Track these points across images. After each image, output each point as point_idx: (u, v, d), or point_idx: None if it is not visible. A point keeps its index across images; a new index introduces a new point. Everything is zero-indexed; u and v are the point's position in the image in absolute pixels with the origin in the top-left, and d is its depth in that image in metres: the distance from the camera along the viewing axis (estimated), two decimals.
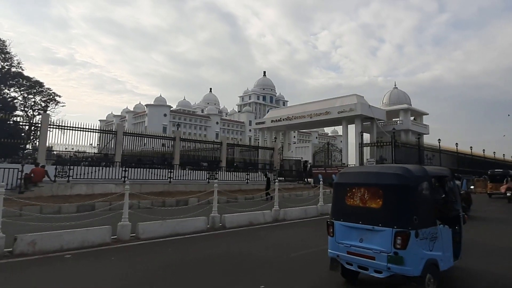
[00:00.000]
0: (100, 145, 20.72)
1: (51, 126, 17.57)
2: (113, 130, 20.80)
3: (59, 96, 69.41)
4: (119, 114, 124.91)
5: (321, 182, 15.98)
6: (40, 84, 68.14)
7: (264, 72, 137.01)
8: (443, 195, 5.47)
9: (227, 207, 12.11)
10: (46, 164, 15.94)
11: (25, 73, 48.75)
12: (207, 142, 25.78)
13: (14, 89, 60.32)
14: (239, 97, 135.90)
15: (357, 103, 38.73)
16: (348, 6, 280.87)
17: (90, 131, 18.77)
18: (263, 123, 50.64)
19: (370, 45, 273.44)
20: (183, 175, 19.87)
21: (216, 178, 18.72)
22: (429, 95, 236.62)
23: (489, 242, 8.50)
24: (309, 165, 30.00)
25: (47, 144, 17.76)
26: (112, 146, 20.02)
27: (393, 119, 43.26)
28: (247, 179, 22.67)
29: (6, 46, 55.62)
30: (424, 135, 45.39)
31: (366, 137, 41.76)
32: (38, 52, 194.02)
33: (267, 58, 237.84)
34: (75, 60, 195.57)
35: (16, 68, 57.08)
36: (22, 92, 65.87)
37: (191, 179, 20.10)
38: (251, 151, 27.20)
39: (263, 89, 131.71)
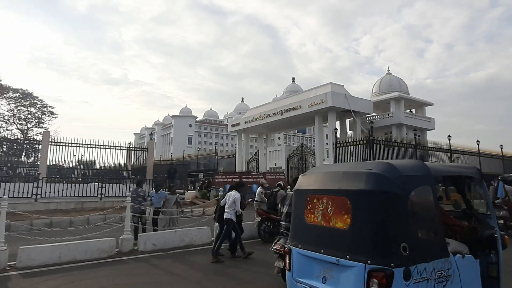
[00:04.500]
0: None
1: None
2: None
3: (52, 108, 67.45)
4: (151, 126, 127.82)
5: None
6: (31, 95, 66.28)
7: (293, 78, 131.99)
8: (464, 206, 4.12)
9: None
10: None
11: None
12: None
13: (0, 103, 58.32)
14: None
15: (328, 92, 30.79)
16: (390, 8, 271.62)
17: None
18: (237, 124, 43.67)
19: (416, 46, 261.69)
20: None
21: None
22: (483, 95, 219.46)
23: None
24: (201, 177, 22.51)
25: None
26: None
27: (386, 112, 34.64)
28: (101, 193, 15.96)
29: None
30: (429, 131, 36.31)
31: (350, 136, 33.85)
32: (97, 74, 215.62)
33: (308, 67, 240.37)
34: (128, 79, 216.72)
35: None
36: (11, 105, 64.07)
37: None
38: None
39: (290, 95, 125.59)
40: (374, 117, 34.62)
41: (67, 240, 7.70)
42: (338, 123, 36.56)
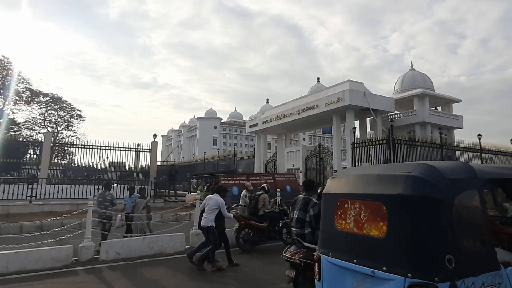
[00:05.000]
0: None
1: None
2: None
3: (80, 111, 70.15)
4: (177, 128, 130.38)
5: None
6: (60, 99, 69.05)
7: (318, 78, 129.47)
8: None
9: None
10: None
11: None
12: None
13: (32, 107, 61.15)
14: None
15: (345, 90, 29.39)
16: (420, 4, 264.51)
17: None
18: (255, 125, 42.86)
19: (448, 42, 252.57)
20: None
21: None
22: None
23: None
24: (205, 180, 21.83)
25: None
26: None
27: (409, 110, 32.69)
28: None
29: (10, 63, 56.02)
30: (457, 130, 34.01)
31: (371, 136, 32.23)
32: (128, 78, 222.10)
33: (335, 67, 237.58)
34: (157, 83, 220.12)
35: (22, 83, 57.33)
36: (42, 109, 66.94)
37: None
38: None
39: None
40: (396, 116, 32.81)
41: (28, 247, 7.13)
42: (357, 122, 35.07)
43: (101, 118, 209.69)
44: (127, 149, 19.24)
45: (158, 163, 36.42)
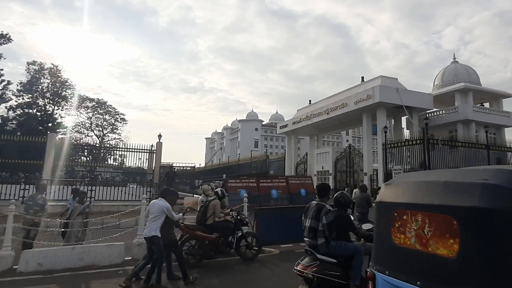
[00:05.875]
0: None
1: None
2: None
3: (124, 115, 73.56)
4: (220, 131, 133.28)
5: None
6: (105, 104, 72.87)
7: (362, 77, 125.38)
8: None
9: None
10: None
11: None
12: None
13: (80, 111, 65.35)
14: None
15: (375, 86, 27.23)
16: None
17: None
18: (285, 126, 41.47)
19: (510, 35, 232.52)
20: None
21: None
22: None
23: None
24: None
25: None
26: None
27: (450, 107, 29.62)
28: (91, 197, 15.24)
29: (59, 70, 59.71)
30: (507, 129, 30.36)
31: (407, 136, 29.69)
32: (176, 83, 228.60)
33: (382, 65, 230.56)
34: (204, 87, 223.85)
35: (71, 89, 60.99)
36: (89, 113, 71.13)
37: None
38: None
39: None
40: (435, 114, 29.90)
41: None
42: (392, 121, 32.52)
43: (153, 122, 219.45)
44: (139, 150, 19.02)
45: (195, 164, 36.77)
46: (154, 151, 19.32)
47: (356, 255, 4.35)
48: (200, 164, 75.76)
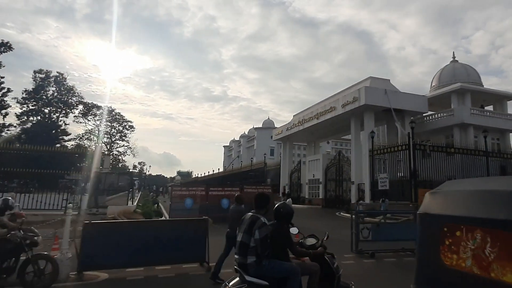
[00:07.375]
0: None
1: None
2: None
3: (131, 122, 74.20)
4: (238, 139, 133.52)
5: None
6: (113, 111, 73.76)
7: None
8: None
9: None
10: None
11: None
12: None
13: (87, 119, 66.32)
14: None
15: (361, 88, 25.34)
16: None
17: None
18: (280, 133, 39.77)
19: None
20: None
21: None
22: None
23: None
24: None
25: None
26: None
27: (447, 110, 27.17)
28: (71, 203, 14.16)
29: (65, 78, 60.54)
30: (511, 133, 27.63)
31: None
32: (200, 92, 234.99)
33: (408, 72, 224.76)
34: (227, 96, 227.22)
35: (77, 97, 61.79)
36: (97, 121, 72.11)
37: None
38: None
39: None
40: (430, 117, 27.52)
41: None
42: (385, 126, 30.32)
43: (177, 130, 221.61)
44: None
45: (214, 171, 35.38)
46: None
47: (291, 277, 3.71)
48: (213, 171, 74.70)
